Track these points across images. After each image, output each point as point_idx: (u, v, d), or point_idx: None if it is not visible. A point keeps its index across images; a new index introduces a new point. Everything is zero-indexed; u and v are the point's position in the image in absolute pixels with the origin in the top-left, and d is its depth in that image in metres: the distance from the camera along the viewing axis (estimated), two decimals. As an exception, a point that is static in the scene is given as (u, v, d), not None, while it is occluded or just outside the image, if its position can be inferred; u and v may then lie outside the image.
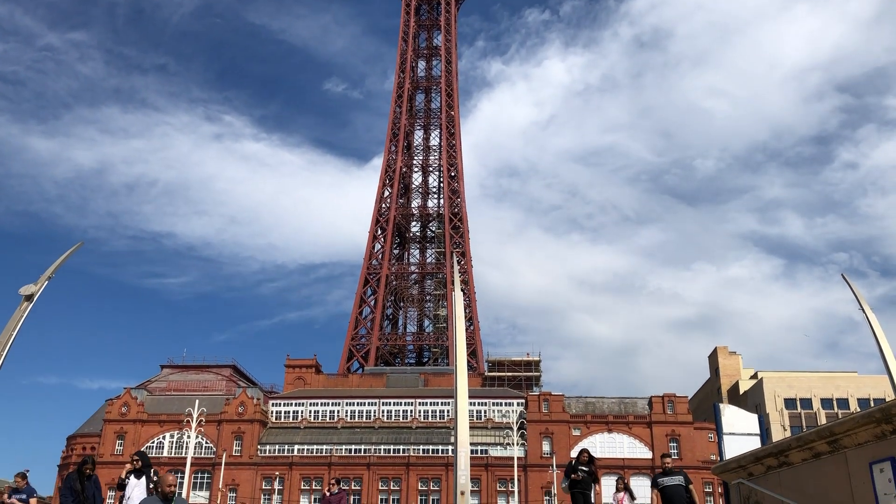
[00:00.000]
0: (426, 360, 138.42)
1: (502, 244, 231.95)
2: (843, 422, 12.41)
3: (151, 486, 11.72)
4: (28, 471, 15.18)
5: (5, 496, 14.65)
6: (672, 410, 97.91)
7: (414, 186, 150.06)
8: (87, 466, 10.27)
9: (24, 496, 14.55)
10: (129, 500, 11.62)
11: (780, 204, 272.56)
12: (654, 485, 12.95)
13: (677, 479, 12.89)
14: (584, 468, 15.23)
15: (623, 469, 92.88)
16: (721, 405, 18.67)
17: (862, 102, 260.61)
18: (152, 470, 12.24)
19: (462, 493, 20.03)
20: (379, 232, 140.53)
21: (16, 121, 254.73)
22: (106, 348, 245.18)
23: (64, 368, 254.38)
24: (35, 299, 21.92)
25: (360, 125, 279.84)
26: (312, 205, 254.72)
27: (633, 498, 15.46)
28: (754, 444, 17.27)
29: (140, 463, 12.10)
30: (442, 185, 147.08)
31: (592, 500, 15.35)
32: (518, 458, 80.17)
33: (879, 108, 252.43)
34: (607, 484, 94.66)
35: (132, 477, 11.74)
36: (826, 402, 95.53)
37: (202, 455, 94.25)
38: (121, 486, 11.76)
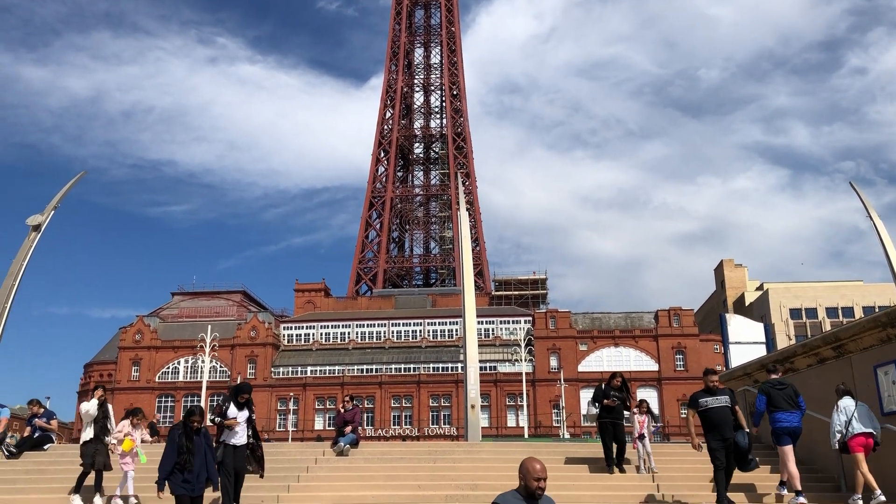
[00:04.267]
0: (433, 281, 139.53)
1: (504, 163, 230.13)
2: (849, 327, 12.54)
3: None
4: (48, 398, 15.61)
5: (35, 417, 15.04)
6: (678, 323, 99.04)
7: (416, 106, 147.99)
8: (195, 419, 8.95)
9: (45, 418, 14.98)
10: (233, 430, 11.04)
11: (785, 113, 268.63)
12: (694, 405, 10.97)
13: (723, 400, 10.89)
14: (617, 394, 13.26)
15: (630, 382, 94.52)
16: (727, 315, 18.89)
17: (872, 4, 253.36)
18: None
19: (473, 407, 20.49)
20: (382, 154, 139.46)
21: (5, 49, 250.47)
22: (115, 278, 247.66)
23: (75, 299, 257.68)
24: (42, 229, 22.00)
25: (357, 44, 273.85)
26: (312, 128, 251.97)
27: (655, 421, 13.97)
28: (760, 352, 17.52)
29: (246, 397, 11.46)
30: (444, 104, 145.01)
31: (623, 432, 13.34)
32: (526, 374, 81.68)
33: (890, 9, 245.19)
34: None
35: (232, 406, 11.34)
36: (831, 312, 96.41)
37: (217, 379, 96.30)
38: (222, 415, 11.19)
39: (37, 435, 14.55)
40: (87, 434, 11.71)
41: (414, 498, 11.53)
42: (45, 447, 14.43)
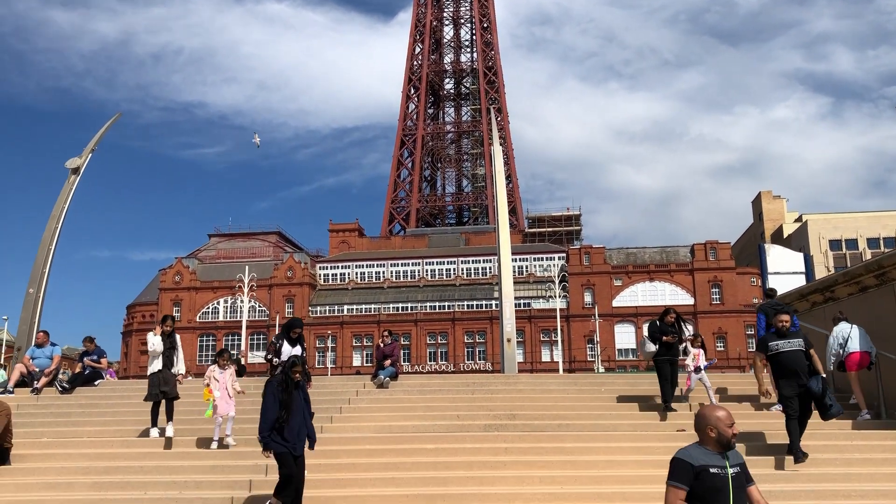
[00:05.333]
0: (466, 220, 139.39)
1: (536, 97, 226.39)
2: (893, 254, 12.30)
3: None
4: (94, 338, 16.06)
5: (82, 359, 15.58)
6: (714, 257, 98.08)
7: (445, 41, 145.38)
8: (297, 370, 8.25)
9: (94, 357, 15.48)
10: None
11: (828, 38, 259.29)
12: (763, 349, 10.08)
13: (797, 343, 9.96)
14: (673, 330, 12.75)
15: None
16: (766, 245, 18.62)
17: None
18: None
19: (509, 340, 20.69)
20: (412, 91, 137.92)
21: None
22: (153, 221, 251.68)
23: (115, 242, 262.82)
24: (81, 172, 22.33)
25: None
26: (340, 66, 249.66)
27: (707, 357, 13.34)
28: (799, 282, 17.31)
29: (298, 332, 11.41)
30: (474, 37, 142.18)
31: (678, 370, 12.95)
32: (560, 310, 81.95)
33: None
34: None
35: (285, 343, 11.28)
36: (872, 242, 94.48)
37: (256, 318, 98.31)
38: (276, 353, 11.10)
39: (87, 372, 15.08)
40: (155, 366, 11.46)
41: (453, 427, 11.76)
42: (96, 383, 14.95)
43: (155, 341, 11.49)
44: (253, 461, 10.17)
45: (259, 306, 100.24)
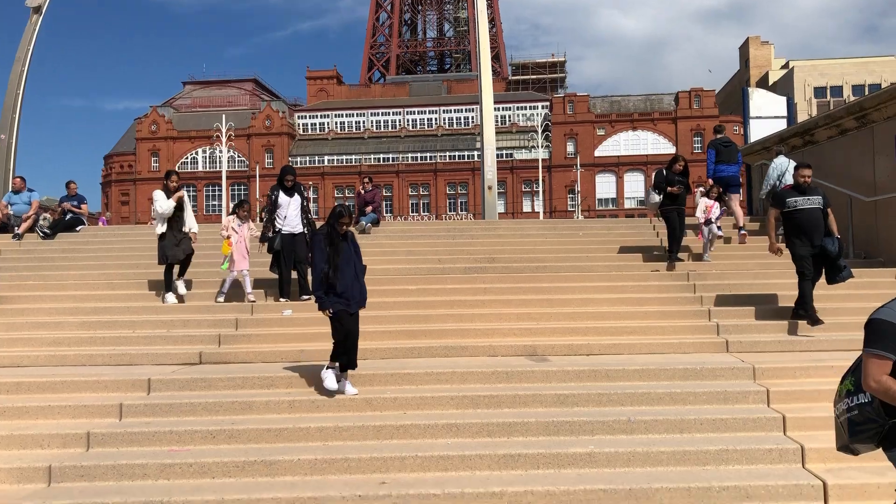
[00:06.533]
0: (448, 66, 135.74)
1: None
2: (875, 95, 12.23)
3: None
4: (76, 183, 15.87)
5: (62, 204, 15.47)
6: (699, 105, 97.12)
7: None
8: (344, 221, 7.33)
9: (75, 202, 15.41)
10: (287, 218, 10.66)
11: None
12: (780, 204, 9.36)
13: (816, 201, 9.24)
14: (681, 179, 12.03)
15: (646, 165, 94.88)
16: (749, 89, 18.43)
17: None
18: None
19: (490, 188, 20.77)
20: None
21: None
22: (125, 68, 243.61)
23: (86, 90, 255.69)
24: (43, 11, 21.21)
25: None
26: None
27: (722, 206, 12.84)
28: (781, 127, 17.28)
29: (291, 179, 10.88)
30: None
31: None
32: (542, 160, 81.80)
33: None
34: (631, 179, 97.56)
35: (281, 193, 10.75)
36: (857, 90, 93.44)
37: (236, 169, 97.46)
38: (273, 205, 10.67)
39: (68, 217, 15.05)
40: (161, 228, 10.51)
41: (434, 270, 12.00)
42: (78, 229, 14.96)
43: (162, 200, 10.49)
44: (237, 302, 10.41)
45: (238, 157, 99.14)
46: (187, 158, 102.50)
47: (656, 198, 12.00)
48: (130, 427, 6.57)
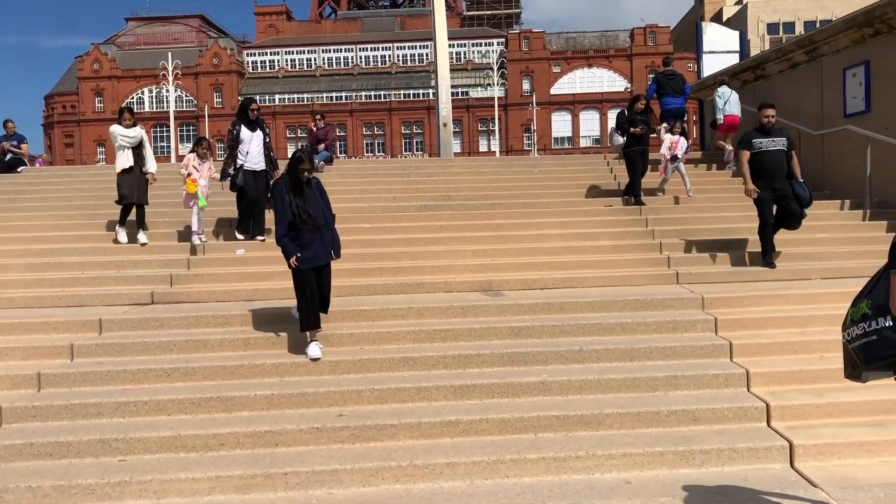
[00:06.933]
0: (401, 2, 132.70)
1: None
2: (825, 28, 12.34)
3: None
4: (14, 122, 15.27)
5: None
6: (654, 41, 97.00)
7: None
8: (304, 167, 6.92)
9: (15, 142, 14.86)
10: (249, 154, 10.25)
11: None
12: (747, 146, 9.05)
13: (780, 143, 8.99)
14: (643, 118, 11.79)
15: (602, 103, 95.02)
16: (702, 23, 18.44)
17: None
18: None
19: (445, 125, 20.58)
20: None
21: None
22: (64, 3, 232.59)
23: (22, 27, 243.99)
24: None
25: None
26: None
27: (688, 141, 12.70)
28: (733, 61, 17.39)
29: (255, 110, 10.45)
30: None
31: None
32: (498, 99, 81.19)
33: None
34: (586, 118, 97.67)
35: (244, 127, 10.31)
36: (809, 26, 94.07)
37: (184, 108, 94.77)
38: (235, 140, 10.23)
39: (8, 157, 14.53)
40: (124, 162, 10.12)
41: (390, 208, 11.94)
42: (19, 170, 14.47)
43: (121, 134, 10.14)
44: (188, 243, 10.24)
45: (186, 96, 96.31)
46: (133, 98, 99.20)
47: (620, 139, 11.80)
48: (82, 367, 6.50)
